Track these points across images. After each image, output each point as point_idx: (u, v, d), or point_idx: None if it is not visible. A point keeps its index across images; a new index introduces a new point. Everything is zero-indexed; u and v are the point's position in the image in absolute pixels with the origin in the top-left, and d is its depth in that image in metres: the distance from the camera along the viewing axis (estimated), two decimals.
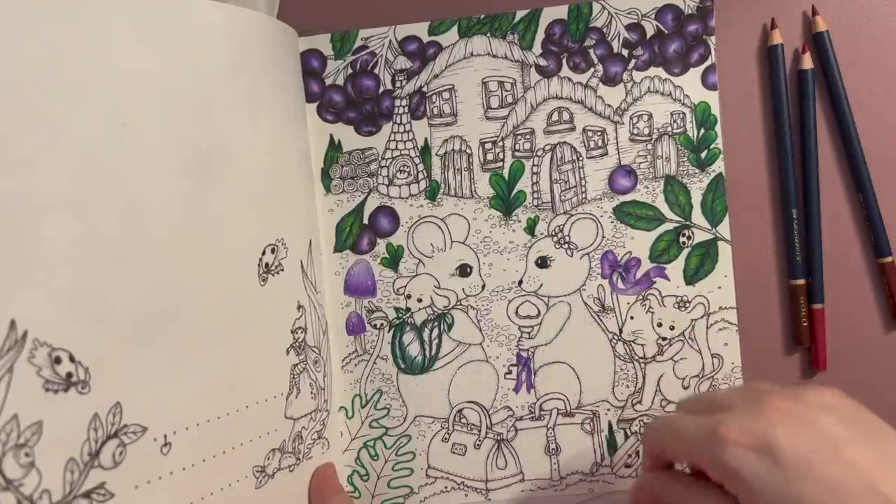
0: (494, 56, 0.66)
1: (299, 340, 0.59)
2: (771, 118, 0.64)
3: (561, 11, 0.65)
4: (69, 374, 0.42)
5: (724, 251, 0.64)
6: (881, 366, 0.64)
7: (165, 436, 0.48)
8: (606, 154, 0.65)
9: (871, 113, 0.63)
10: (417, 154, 0.66)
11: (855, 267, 0.64)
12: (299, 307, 0.59)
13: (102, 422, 0.44)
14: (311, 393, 0.60)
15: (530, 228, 0.65)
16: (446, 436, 0.66)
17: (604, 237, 0.65)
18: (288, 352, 0.58)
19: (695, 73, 0.64)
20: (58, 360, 0.42)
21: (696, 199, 0.64)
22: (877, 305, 0.64)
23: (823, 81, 0.64)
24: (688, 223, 0.64)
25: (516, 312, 0.66)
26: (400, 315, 0.66)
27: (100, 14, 0.46)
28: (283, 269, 0.58)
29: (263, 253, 0.56)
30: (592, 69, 0.65)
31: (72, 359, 0.42)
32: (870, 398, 0.61)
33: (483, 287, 0.66)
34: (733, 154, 0.64)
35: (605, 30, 0.65)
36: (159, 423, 0.47)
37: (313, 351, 0.61)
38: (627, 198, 0.65)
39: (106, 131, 0.45)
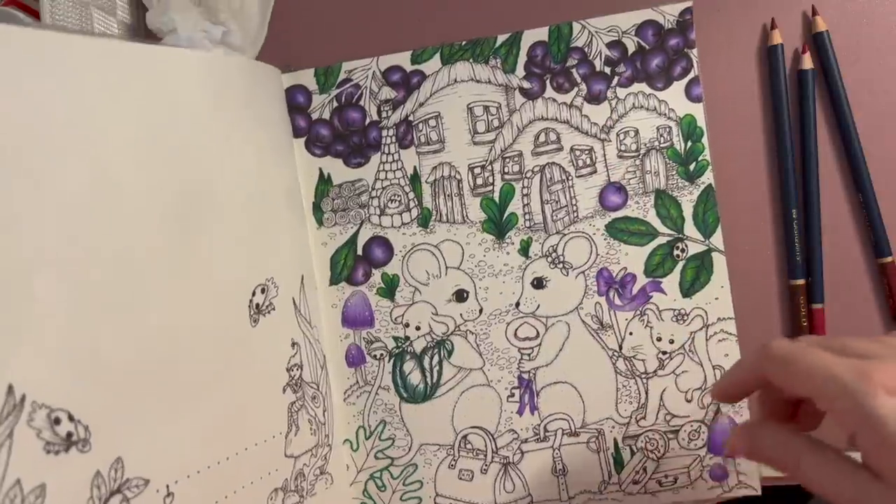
0: (478, 81, 0.66)
1: (295, 378, 0.59)
2: (771, 118, 0.64)
3: (541, 33, 0.65)
4: (69, 434, 0.42)
5: (719, 262, 0.64)
6: None
7: (168, 486, 0.48)
8: (595, 172, 0.65)
9: (871, 113, 0.63)
10: (407, 182, 0.66)
11: (855, 267, 0.64)
12: (294, 344, 0.60)
13: (105, 478, 0.44)
14: (311, 429, 0.60)
15: (524, 250, 0.66)
16: (452, 462, 0.66)
17: (598, 254, 0.65)
18: (284, 390, 0.58)
19: (679, 87, 0.64)
20: (57, 421, 0.42)
21: (688, 211, 0.64)
22: (877, 305, 0.63)
23: (823, 81, 0.63)
24: (681, 236, 0.64)
25: (515, 335, 0.66)
26: (399, 344, 0.67)
27: (77, 69, 0.46)
28: (274, 309, 0.58)
29: (253, 294, 0.56)
30: (576, 88, 0.65)
31: (71, 418, 0.42)
32: None
33: (480, 311, 0.66)
34: (733, 154, 0.64)
35: (586, 49, 0.65)
36: (161, 473, 0.47)
37: (311, 387, 0.61)
38: (619, 214, 0.65)
39: (88, 184, 0.45)
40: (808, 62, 0.63)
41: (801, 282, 0.63)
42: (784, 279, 0.64)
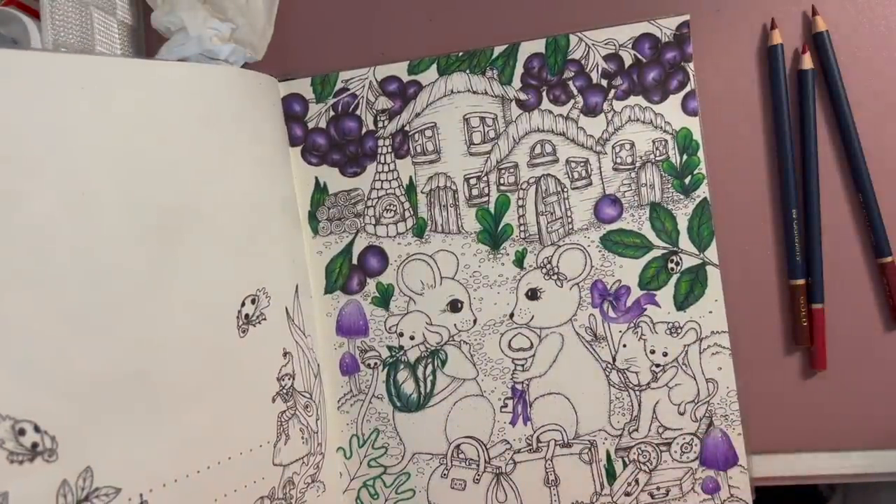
0: (475, 92, 0.66)
1: (286, 387, 0.60)
2: (771, 118, 0.64)
3: (538, 45, 0.65)
4: (35, 445, 0.43)
5: (713, 275, 0.64)
6: (881, 366, 0.63)
7: (141, 495, 0.48)
8: (591, 184, 0.65)
9: (871, 113, 0.62)
10: (403, 192, 0.67)
11: (855, 267, 0.63)
12: (285, 354, 0.60)
13: (72, 487, 0.44)
14: (303, 438, 0.61)
15: (519, 261, 0.66)
16: (445, 472, 0.67)
17: (592, 266, 0.65)
18: (274, 399, 0.58)
19: (675, 100, 0.64)
20: (22, 432, 0.42)
21: (683, 224, 0.64)
22: (877, 305, 0.63)
23: (823, 81, 0.63)
24: (675, 249, 0.64)
25: (509, 345, 0.66)
26: (393, 353, 0.67)
27: (56, 90, 0.46)
28: (265, 318, 0.58)
29: (242, 304, 0.56)
30: (572, 101, 0.65)
31: (37, 429, 0.43)
32: (870, 398, 0.62)
33: (475, 322, 0.66)
34: (733, 155, 0.64)
35: (583, 61, 0.65)
36: (133, 482, 0.48)
37: (303, 396, 0.61)
38: (614, 226, 0.65)
39: (65, 203, 0.46)
40: (808, 62, 0.62)
41: (801, 282, 0.63)
42: (784, 279, 0.64)
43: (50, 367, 0.44)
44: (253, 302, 0.57)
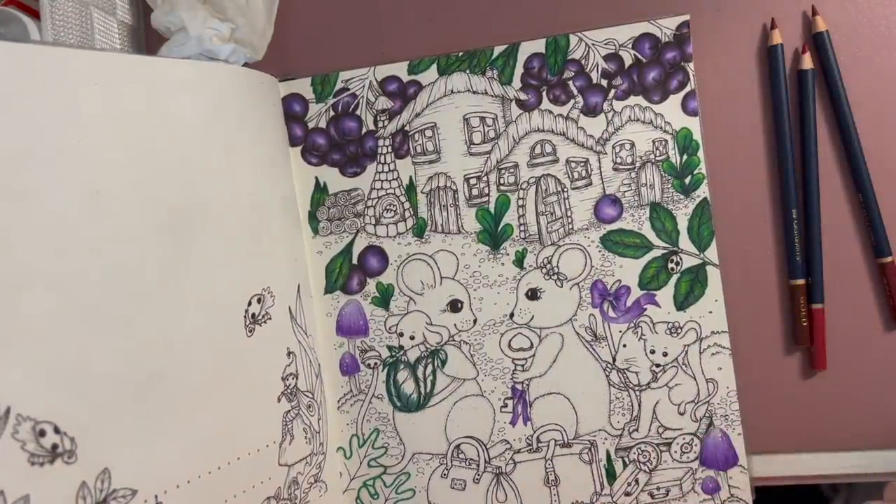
0: (475, 92, 0.66)
1: (290, 387, 0.59)
2: (771, 118, 0.64)
3: (538, 45, 0.65)
4: (55, 446, 0.42)
5: (713, 275, 0.64)
6: (881, 366, 0.63)
7: (156, 496, 0.48)
8: (591, 184, 0.65)
9: (871, 113, 0.62)
10: (403, 192, 0.67)
11: (855, 267, 0.63)
12: (289, 353, 0.60)
13: (91, 489, 0.44)
14: (306, 437, 0.60)
15: (519, 261, 0.66)
16: (445, 472, 0.67)
17: (592, 266, 0.65)
18: (279, 399, 0.58)
19: (675, 100, 0.64)
20: (42, 433, 0.42)
21: (683, 224, 0.64)
22: (877, 305, 0.63)
23: (823, 81, 0.63)
24: (675, 249, 0.64)
25: (509, 345, 0.66)
26: (393, 353, 0.67)
27: (70, 85, 0.46)
28: (270, 318, 0.58)
29: (249, 304, 0.56)
30: (572, 101, 0.65)
31: (56, 430, 0.42)
32: (870, 398, 0.62)
33: (475, 322, 0.66)
34: (733, 155, 0.64)
35: (583, 61, 0.65)
36: (149, 484, 0.47)
37: (306, 395, 0.61)
38: (614, 226, 0.65)
39: (80, 201, 0.45)
40: (808, 62, 0.62)
41: (801, 282, 0.63)
42: (784, 279, 0.64)
43: (67, 366, 0.43)
44: (259, 301, 0.57)
